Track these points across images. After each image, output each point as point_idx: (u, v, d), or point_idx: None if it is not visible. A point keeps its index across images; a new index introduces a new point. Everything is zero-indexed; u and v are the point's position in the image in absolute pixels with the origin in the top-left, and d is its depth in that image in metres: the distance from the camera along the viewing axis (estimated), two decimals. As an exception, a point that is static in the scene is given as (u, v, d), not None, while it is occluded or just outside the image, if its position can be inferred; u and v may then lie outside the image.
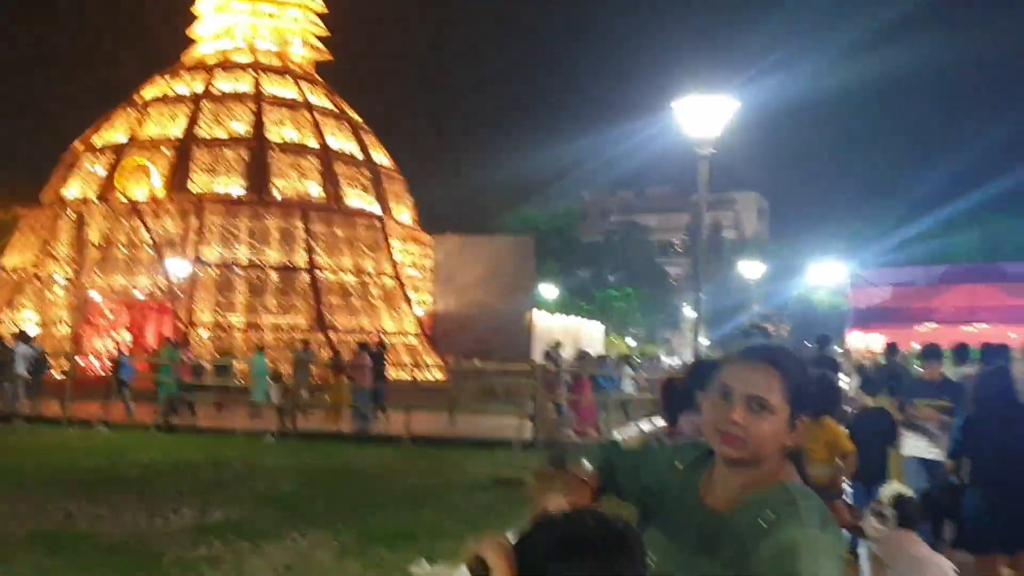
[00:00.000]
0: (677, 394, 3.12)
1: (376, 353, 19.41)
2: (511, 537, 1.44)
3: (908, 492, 4.36)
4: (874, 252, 40.31)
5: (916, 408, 6.56)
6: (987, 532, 4.99)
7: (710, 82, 10.72)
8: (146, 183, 35.26)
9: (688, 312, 54.40)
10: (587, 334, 44.13)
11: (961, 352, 7.76)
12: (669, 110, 10.35)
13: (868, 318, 33.03)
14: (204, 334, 32.40)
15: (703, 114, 10.22)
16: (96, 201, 35.35)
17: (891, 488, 4.43)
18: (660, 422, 4.22)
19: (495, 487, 11.07)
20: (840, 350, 28.90)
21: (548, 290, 43.93)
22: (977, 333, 25.99)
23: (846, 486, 4.73)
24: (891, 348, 10.95)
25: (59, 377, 20.92)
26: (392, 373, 22.69)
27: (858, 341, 28.16)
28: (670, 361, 45.64)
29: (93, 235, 34.50)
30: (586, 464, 1.96)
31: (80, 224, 34.77)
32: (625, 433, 16.08)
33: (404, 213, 41.03)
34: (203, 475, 11.60)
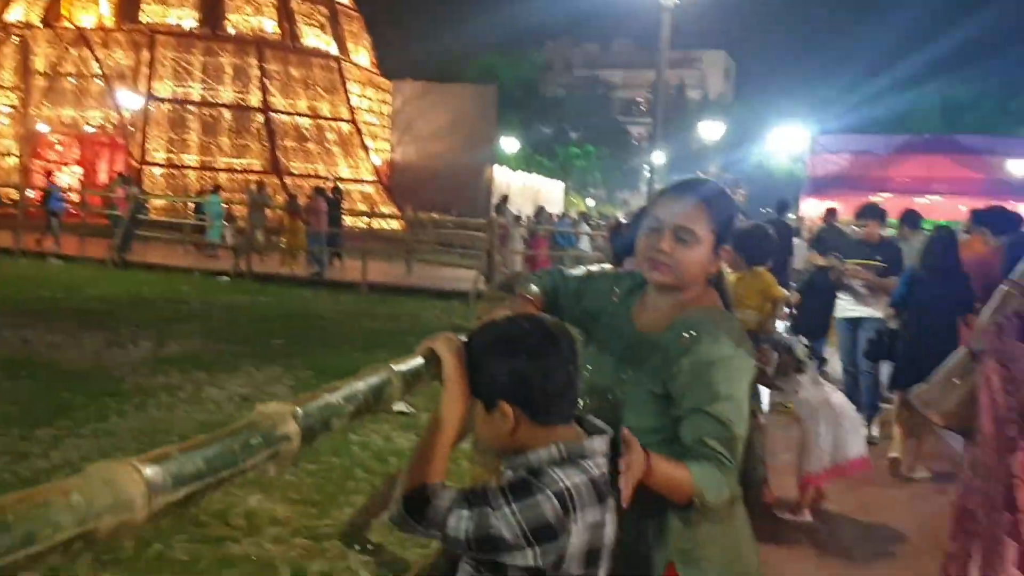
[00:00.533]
0: (622, 239, 3.28)
1: (332, 199, 19.34)
2: (461, 337, 1.62)
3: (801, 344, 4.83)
4: (835, 114, 40.41)
5: (844, 267, 6.88)
6: (908, 371, 5.53)
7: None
8: (94, 10, 33.71)
9: (648, 174, 54.53)
10: (547, 192, 44.19)
11: (912, 219, 8.04)
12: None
13: (824, 186, 33.57)
14: (157, 172, 31.86)
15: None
16: (41, 26, 33.81)
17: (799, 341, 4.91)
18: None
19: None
20: (794, 216, 29.46)
21: (509, 144, 43.52)
22: (930, 204, 26.72)
23: (790, 335, 5.08)
24: (830, 212, 11.49)
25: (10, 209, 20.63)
26: (348, 220, 22.66)
27: (813, 208, 28.66)
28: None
29: (39, 63, 33.16)
30: (532, 287, 2.13)
31: (24, 50, 33.32)
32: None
33: (362, 55, 39.82)
34: (159, 310, 11.73)
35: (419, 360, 1.52)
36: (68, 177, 33.25)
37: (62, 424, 6.12)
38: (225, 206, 20.39)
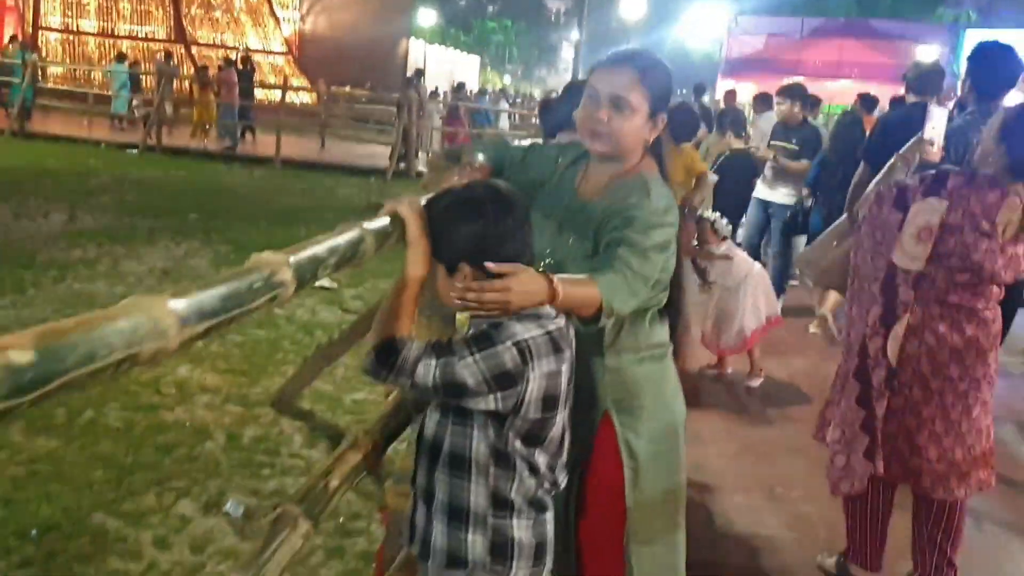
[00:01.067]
0: (552, 113, 3.34)
1: (244, 70, 18.66)
2: (422, 200, 1.72)
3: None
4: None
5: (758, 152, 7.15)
6: None
7: None
8: None
9: (567, 52, 53.80)
10: (463, 67, 43.29)
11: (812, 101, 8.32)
12: None
13: (740, 68, 33.86)
14: (53, 38, 30.01)
15: None
16: None
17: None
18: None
19: (368, 211, 11.36)
20: (709, 99, 29.63)
21: (426, 16, 42.23)
22: (840, 88, 27.25)
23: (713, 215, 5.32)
24: (730, 94, 11.99)
25: None
26: (260, 94, 21.92)
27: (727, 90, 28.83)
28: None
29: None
30: (479, 156, 2.21)
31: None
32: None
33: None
34: (69, 183, 11.35)
35: (386, 220, 1.61)
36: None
37: (-23, 295, 6.03)
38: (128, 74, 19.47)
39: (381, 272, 7.41)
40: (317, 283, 5.34)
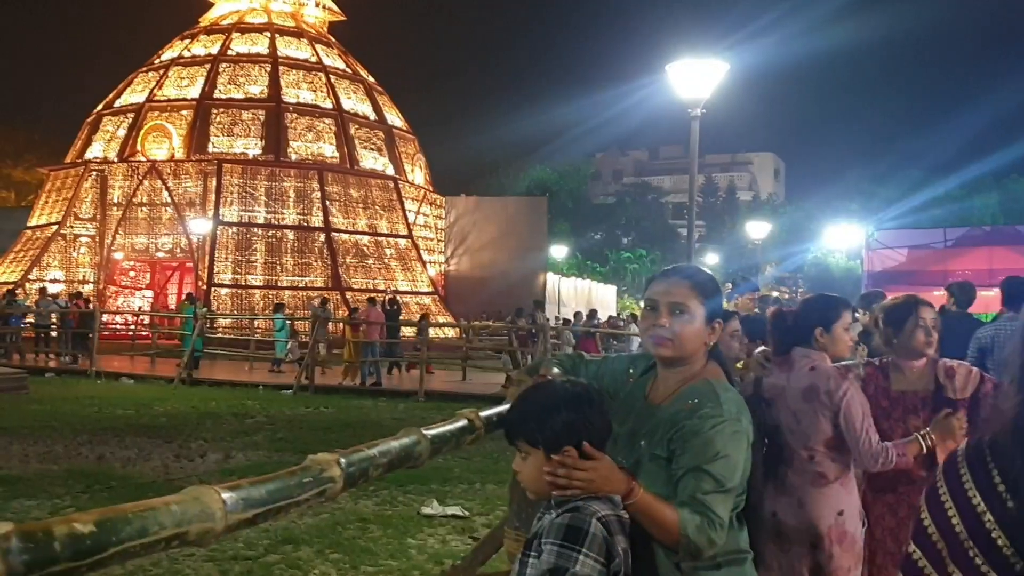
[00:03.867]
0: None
1: (391, 310, 19.85)
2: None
3: None
4: (891, 215, 40.17)
5: None
6: None
7: (709, 43, 10.99)
8: (166, 143, 35.74)
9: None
10: (600, 296, 44.49)
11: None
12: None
13: (883, 280, 33.22)
14: (224, 292, 33.06)
15: (695, 77, 10.53)
16: (117, 161, 35.91)
17: None
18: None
19: (503, 437, 11.55)
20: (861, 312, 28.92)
21: (559, 251, 44.22)
22: (995, 296, 26.20)
23: None
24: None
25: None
26: (407, 332, 23.17)
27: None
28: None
29: (115, 194, 35.10)
30: (554, 368, 2.40)
31: (103, 184, 35.34)
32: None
33: (417, 173, 41.34)
34: (226, 424, 12.14)
35: (450, 426, 1.80)
36: (139, 301, 34.69)
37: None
38: (288, 322, 21.07)
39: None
40: (448, 511, 5.44)
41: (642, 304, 2.22)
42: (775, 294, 25.06)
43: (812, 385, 3.44)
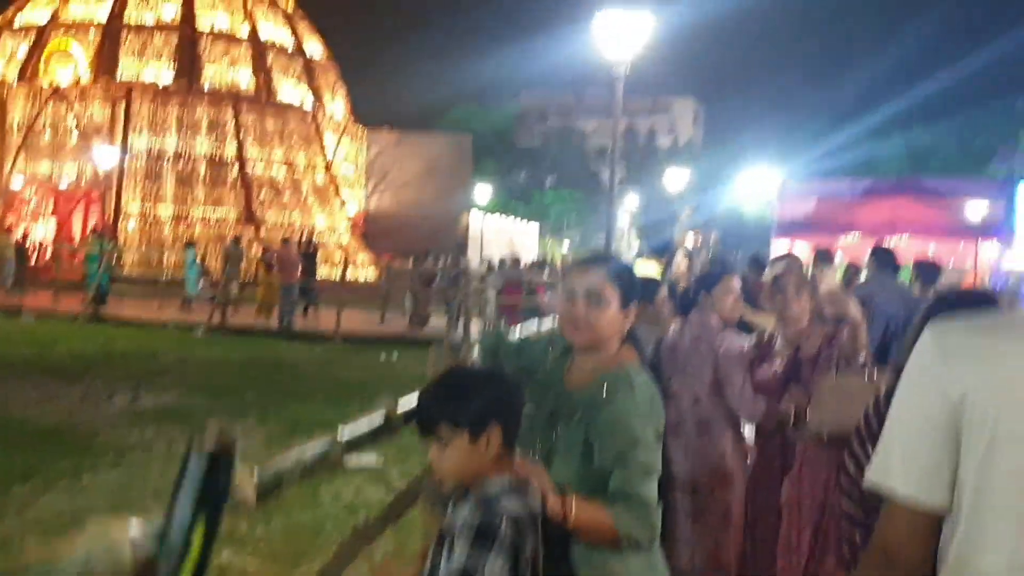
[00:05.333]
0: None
1: (308, 252, 19.48)
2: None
3: None
4: (803, 161, 41.05)
5: None
6: None
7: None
8: (71, 67, 33.98)
9: (623, 219, 55.07)
10: (521, 236, 44.54)
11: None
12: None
13: (792, 229, 34.07)
14: (131, 225, 31.94)
15: (621, 31, 10.42)
16: (17, 82, 34.04)
17: None
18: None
19: (421, 383, 11.50)
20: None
21: (484, 192, 43.82)
22: (898, 244, 27.23)
23: None
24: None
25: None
26: (324, 271, 22.82)
27: (783, 250, 29.00)
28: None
29: (15, 118, 33.31)
30: (475, 349, 2.49)
31: (1, 106, 33.47)
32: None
33: (338, 104, 40.20)
34: (134, 365, 11.80)
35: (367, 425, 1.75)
36: (42, 230, 33.24)
37: (36, 482, 6.20)
38: (200, 258, 20.48)
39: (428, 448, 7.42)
40: (363, 462, 5.39)
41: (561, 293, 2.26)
42: (689, 244, 25.39)
43: (698, 336, 4.08)
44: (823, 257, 8.66)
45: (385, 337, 16.31)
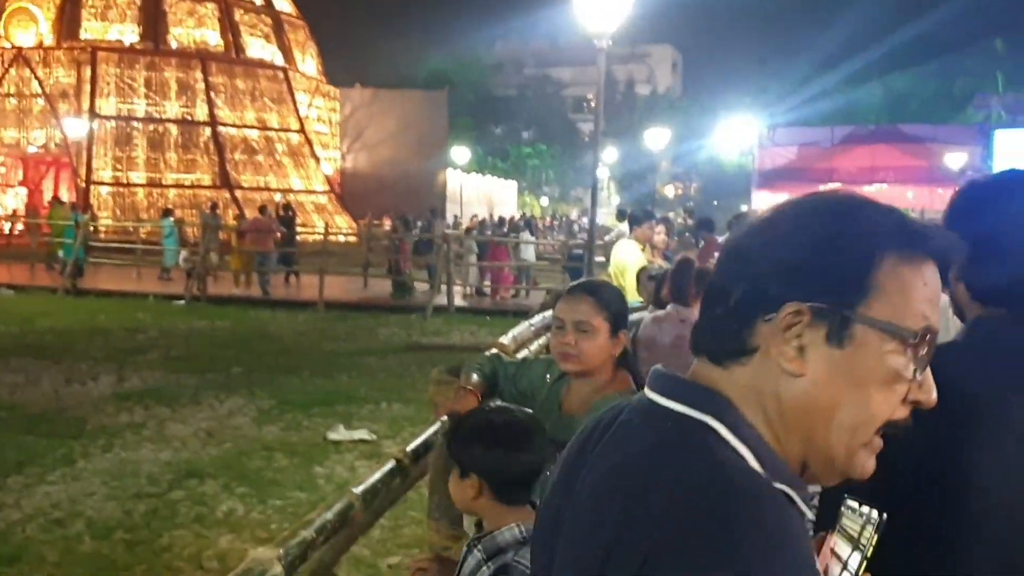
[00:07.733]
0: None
1: (284, 216, 19.27)
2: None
3: None
4: (783, 109, 40.93)
5: None
6: None
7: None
8: (32, 28, 33.14)
9: (602, 172, 54.93)
10: (500, 194, 44.32)
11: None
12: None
13: (773, 178, 34.19)
14: (104, 191, 31.45)
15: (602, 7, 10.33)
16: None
17: None
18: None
19: (407, 352, 11.51)
20: (746, 208, 29.83)
21: (462, 153, 43.38)
22: (877, 192, 27.40)
23: None
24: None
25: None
26: (302, 235, 22.56)
27: (764, 201, 29.13)
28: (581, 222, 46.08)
29: (-23, 84, 32.57)
30: (474, 377, 2.49)
31: (-38, 72, 32.70)
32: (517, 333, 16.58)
33: (309, 62, 39.53)
34: (117, 341, 11.69)
35: (380, 473, 1.70)
36: (12, 199, 32.68)
37: (31, 471, 6.17)
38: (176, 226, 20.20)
39: (419, 419, 7.43)
40: (355, 435, 5.37)
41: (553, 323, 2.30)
42: (671, 214, 25.30)
43: (680, 335, 3.87)
44: None
45: (369, 303, 16.25)
